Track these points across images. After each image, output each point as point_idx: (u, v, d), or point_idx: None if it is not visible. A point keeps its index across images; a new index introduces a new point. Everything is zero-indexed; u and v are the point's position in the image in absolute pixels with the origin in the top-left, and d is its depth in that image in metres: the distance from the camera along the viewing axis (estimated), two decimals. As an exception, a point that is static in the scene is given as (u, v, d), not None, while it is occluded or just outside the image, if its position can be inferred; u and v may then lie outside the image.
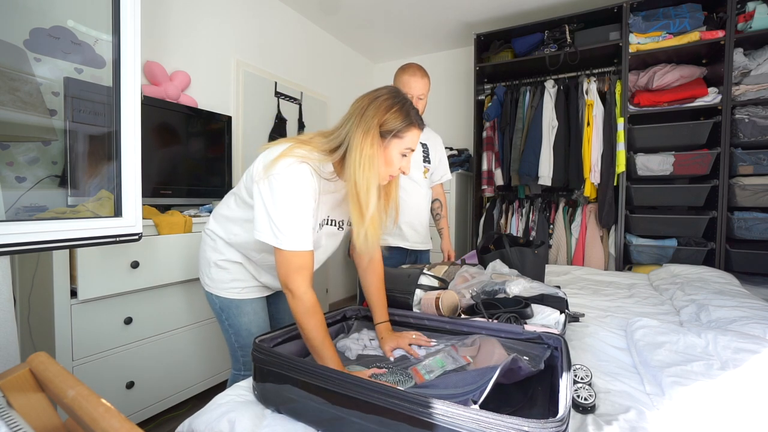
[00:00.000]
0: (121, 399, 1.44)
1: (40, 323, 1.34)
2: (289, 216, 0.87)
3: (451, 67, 3.60)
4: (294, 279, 0.88)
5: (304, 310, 0.88)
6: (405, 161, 0.96)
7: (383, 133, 0.90)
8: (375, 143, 0.89)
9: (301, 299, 0.88)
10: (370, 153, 0.88)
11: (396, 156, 0.93)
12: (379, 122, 0.89)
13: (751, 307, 1.29)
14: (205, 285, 1.12)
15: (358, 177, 0.88)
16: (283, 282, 0.89)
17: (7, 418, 0.54)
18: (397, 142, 0.92)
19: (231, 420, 0.71)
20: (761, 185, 2.09)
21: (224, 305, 1.10)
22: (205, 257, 1.11)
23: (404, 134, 0.92)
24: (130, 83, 0.99)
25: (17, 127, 1.06)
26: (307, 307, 0.88)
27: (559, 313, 1.10)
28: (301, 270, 0.88)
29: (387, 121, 0.90)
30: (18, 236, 0.80)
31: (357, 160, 0.88)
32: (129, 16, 0.98)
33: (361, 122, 0.89)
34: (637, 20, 2.36)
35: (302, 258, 0.89)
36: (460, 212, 3.23)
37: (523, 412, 0.71)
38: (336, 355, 0.87)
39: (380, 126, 0.90)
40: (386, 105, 0.90)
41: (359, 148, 0.88)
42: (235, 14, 2.42)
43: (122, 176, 1.00)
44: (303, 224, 0.88)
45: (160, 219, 1.50)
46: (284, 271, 0.89)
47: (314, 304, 0.89)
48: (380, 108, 0.90)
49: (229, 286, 1.09)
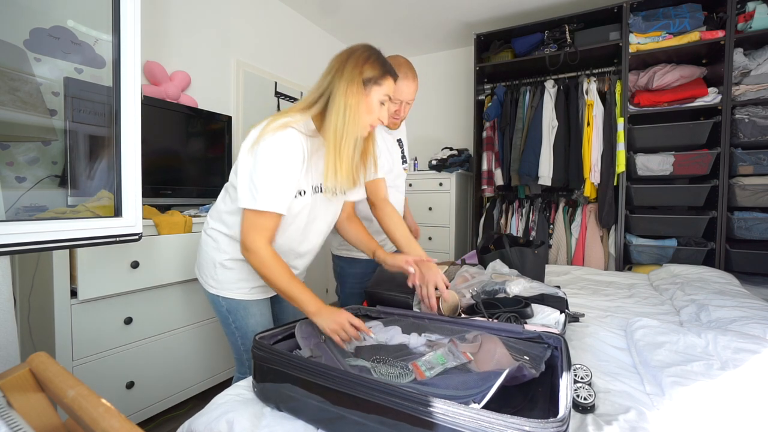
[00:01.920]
0: (121, 399, 1.44)
1: (40, 323, 1.34)
2: (269, 176, 0.91)
3: (451, 67, 3.60)
4: (253, 237, 0.92)
5: (261, 262, 0.93)
6: (383, 110, 1.03)
7: (364, 82, 0.97)
8: (359, 92, 0.96)
9: (257, 253, 0.92)
10: (354, 101, 0.96)
11: (376, 103, 1.01)
12: (360, 72, 0.96)
13: (751, 307, 1.29)
14: (210, 288, 1.09)
15: (339, 124, 0.95)
16: (242, 239, 0.93)
17: (7, 418, 0.54)
18: (377, 89, 1.00)
19: (230, 420, 0.71)
20: (761, 185, 2.09)
21: (231, 307, 1.08)
22: (208, 259, 1.09)
23: (382, 81, 1.00)
24: (130, 83, 0.99)
25: (17, 127, 1.06)
26: (264, 259, 0.93)
27: (559, 313, 1.10)
28: (264, 231, 0.93)
29: (366, 70, 0.97)
30: (18, 236, 0.80)
31: (341, 109, 0.95)
32: (129, 16, 0.98)
33: (344, 73, 0.96)
34: (637, 20, 2.36)
35: (268, 219, 0.93)
36: (460, 212, 3.23)
37: (524, 413, 0.71)
38: (309, 290, 0.94)
39: (362, 75, 0.97)
40: (364, 56, 0.99)
41: (344, 97, 0.95)
42: (235, 14, 2.42)
43: (122, 176, 1.00)
44: (281, 185, 0.92)
45: (160, 219, 1.50)
46: (246, 228, 0.93)
47: (273, 255, 0.94)
48: (359, 59, 0.98)
49: (236, 286, 1.08)
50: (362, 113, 0.98)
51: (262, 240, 0.93)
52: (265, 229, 0.93)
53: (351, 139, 0.97)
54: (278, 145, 0.91)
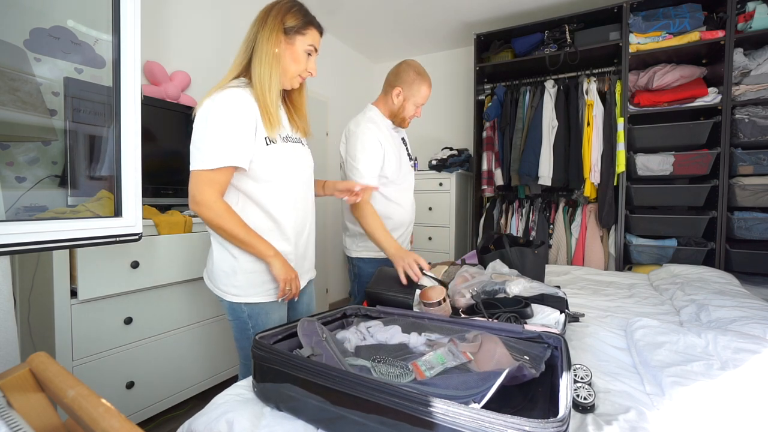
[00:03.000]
0: (121, 399, 1.44)
1: (40, 323, 1.34)
2: (209, 134, 0.92)
3: (451, 67, 3.60)
4: (203, 190, 0.92)
5: (216, 215, 0.93)
6: (311, 61, 1.05)
7: (287, 30, 0.99)
8: (280, 41, 0.98)
9: (211, 207, 0.93)
10: (276, 51, 0.97)
11: (302, 53, 1.02)
12: (281, 21, 0.98)
13: (751, 307, 1.29)
14: (231, 296, 1.04)
15: (264, 73, 0.96)
16: (191, 195, 0.93)
17: (7, 418, 0.54)
18: (301, 39, 1.01)
19: (229, 420, 0.71)
20: (761, 185, 2.09)
21: (253, 312, 1.05)
22: (225, 267, 1.04)
23: (306, 31, 1.01)
24: (130, 83, 0.99)
25: (17, 127, 1.06)
26: (218, 212, 0.93)
27: (559, 313, 1.10)
28: (213, 183, 0.93)
29: (288, 19, 0.99)
30: (18, 236, 0.80)
31: (263, 59, 0.96)
32: (129, 16, 0.98)
33: (265, 26, 0.97)
34: (637, 20, 2.36)
35: (218, 173, 0.93)
36: (460, 212, 3.23)
37: (524, 413, 0.71)
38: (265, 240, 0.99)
39: (283, 24, 0.98)
40: (286, 7, 1.00)
41: (264, 48, 0.96)
42: (235, 14, 2.42)
43: (122, 176, 1.00)
44: (225, 138, 0.92)
45: (160, 219, 1.50)
46: (195, 185, 0.93)
47: (227, 208, 0.95)
48: (281, 10, 0.99)
49: (262, 289, 1.05)
50: (287, 62, 1.00)
51: (213, 193, 0.93)
52: (216, 183, 0.93)
53: (273, 86, 0.98)
54: (216, 104, 0.93)
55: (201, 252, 1.64)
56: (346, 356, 0.89)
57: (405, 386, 0.62)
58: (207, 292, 1.73)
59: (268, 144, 1.00)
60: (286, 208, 1.07)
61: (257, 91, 0.97)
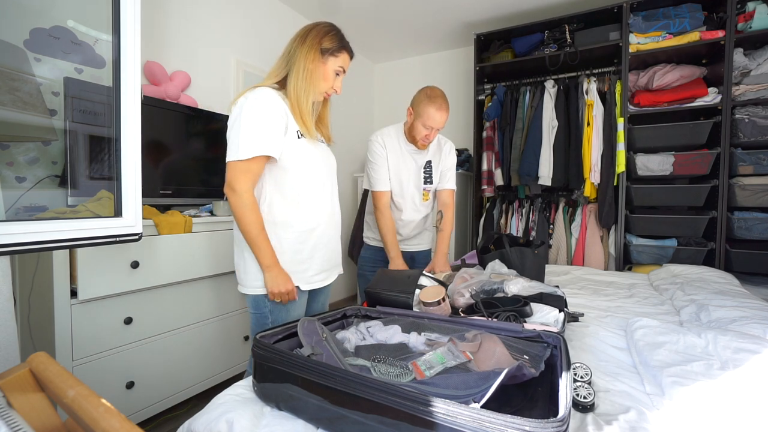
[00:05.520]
0: (121, 399, 1.44)
1: (40, 323, 1.34)
2: (245, 126, 1.00)
3: (451, 67, 3.60)
4: (239, 178, 1.01)
5: (243, 205, 1.01)
6: (338, 80, 1.16)
7: (323, 51, 1.10)
8: (316, 59, 1.09)
9: (241, 196, 1.01)
10: (311, 67, 1.08)
11: (332, 72, 1.13)
12: (319, 42, 1.09)
13: (751, 307, 1.29)
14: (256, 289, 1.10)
15: (299, 84, 1.07)
16: (228, 180, 1.02)
17: (7, 418, 0.54)
18: (333, 60, 1.12)
19: (229, 420, 0.71)
20: (761, 185, 2.09)
21: (275, 308, 1.10)
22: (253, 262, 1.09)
23: (338, 54, 1.13)
24: (130, 83, 0.99)
25: (17, 127, 1.06)
26: (246, 203, 1.01)
27: (558, 312, 1.10)
28: (247, 173, 1.02)
29: (325, 41, 1.10)
30: (18, 236, 0.80)
31: (300, 73, 1.08)
32: (129, 16, 0.98)
33: (304, 44, 1.09)
34: (637, 20, 2.36)
35: (252, 163, 1.02)
36: (460, 212, 3.23)
37: (524, 413, 0.71)
38: (271, 247, 1.05)
39: (320, 45, 1.09)
40: (324, 30, 1.12)
41: (302, 64, 1.08)
42: (234, 14, 2.42)
43: (122, 176, 1.00)
44: (258, 130, 1.01)
45: (160, 219, 1.50)
46: (232, 172, 1.02)
47: (254, 203, 1.03)
48: (320, 32, 1.10)
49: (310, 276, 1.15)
50: (319, 78, 1.11)
51: (247, 182, 1.02)
52: (250, 172, 1.02)
53: (308, 98, 1.09)
54: (249, 102, 1.02)
55: (201, 252, 1.64)
56: (346, 356, 0.89)
57: (405, 386, 0.62)
58: (207, 292, 1.73)
59: (299, 138, 1.10)
60: (311, 197, 1.14)
61: (292, 100, 1.08)
